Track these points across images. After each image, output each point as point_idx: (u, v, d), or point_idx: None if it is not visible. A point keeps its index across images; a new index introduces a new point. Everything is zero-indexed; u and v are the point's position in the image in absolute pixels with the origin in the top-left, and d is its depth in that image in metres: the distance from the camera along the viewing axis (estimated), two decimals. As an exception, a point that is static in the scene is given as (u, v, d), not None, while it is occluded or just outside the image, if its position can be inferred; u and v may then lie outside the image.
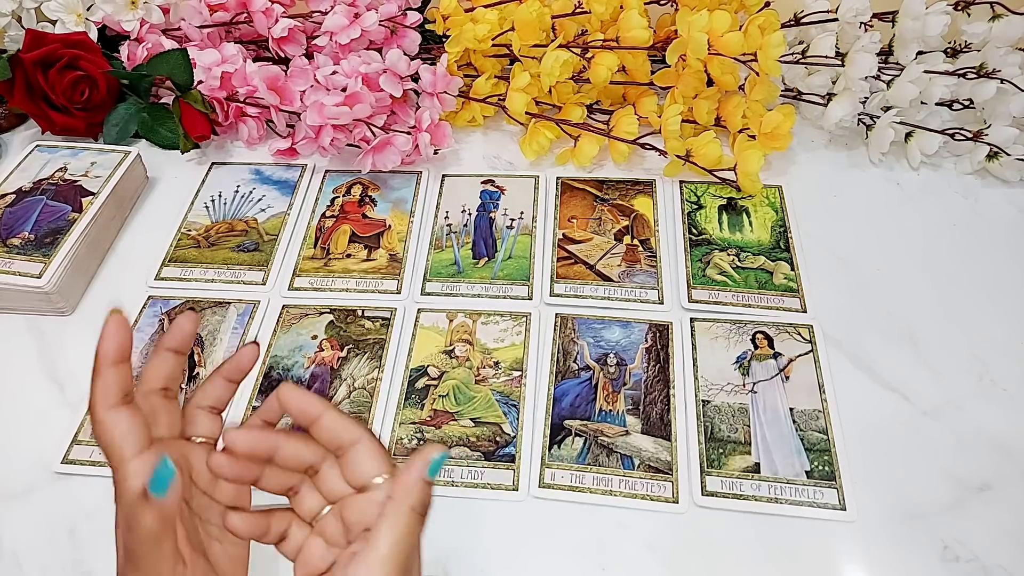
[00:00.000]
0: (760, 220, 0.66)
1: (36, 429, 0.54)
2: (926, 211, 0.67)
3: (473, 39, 0.70)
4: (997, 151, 0.67)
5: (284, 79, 0.71)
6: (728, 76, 0.67)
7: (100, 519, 0.50)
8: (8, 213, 0.64)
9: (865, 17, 0.67)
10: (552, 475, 0.50)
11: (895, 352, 0.56)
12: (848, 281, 0.61)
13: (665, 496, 0.49)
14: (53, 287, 0.59)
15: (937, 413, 0.53)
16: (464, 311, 0.60)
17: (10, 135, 0.78)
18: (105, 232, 0.67)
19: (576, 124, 0.71)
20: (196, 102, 0.72)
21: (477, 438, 0.53)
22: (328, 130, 0.68)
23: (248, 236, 0.67)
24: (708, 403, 0.54)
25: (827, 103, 0.70)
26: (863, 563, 0.46)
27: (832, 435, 0.51)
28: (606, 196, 0.69)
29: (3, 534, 0.49)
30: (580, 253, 0.64)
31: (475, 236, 0.66)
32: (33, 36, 0.71)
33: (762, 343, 0.57)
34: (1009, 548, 0.46)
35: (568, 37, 0.70)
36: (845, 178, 0.70)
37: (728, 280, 0.61)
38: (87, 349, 0.58)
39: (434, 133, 0.69)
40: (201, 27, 0.77)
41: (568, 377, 0.56)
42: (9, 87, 0.71)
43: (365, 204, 0.70)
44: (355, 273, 0.64)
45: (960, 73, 0.68)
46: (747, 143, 0.67)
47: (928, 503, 0.48)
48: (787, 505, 0.48)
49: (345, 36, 0.71)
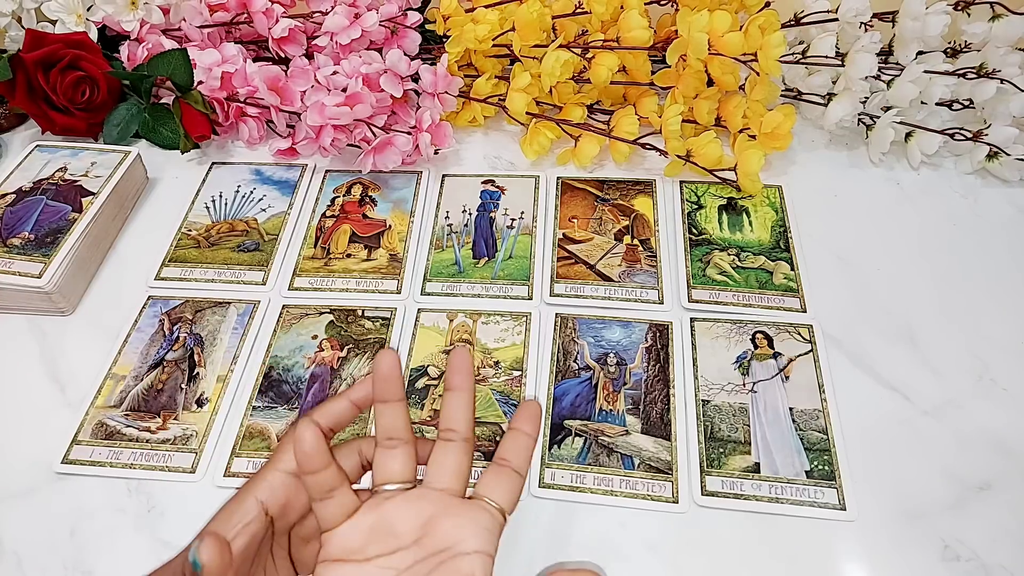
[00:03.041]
0: (760, 220, 0.66)
1: (36, 429, 0.54)
2: (926, 211, 0.67)
3: (474, 39, 0.70)
4: (997, 151, 0.67)
5: (284, 79, 0.71)
6: (728, 76, 0.67)
7: (100, 519, 0.50)
8: (8, 213, 0.64)
9: (865, 17, 0.67)
10: (552, 475, 0.50)
11: (895, 352, 0.56)
12: (848, 281, 0.61)
13: (665, 496, 0.49)
14: (53, 287, 0.59)
15: (937, 413, 0.53)
16: (464, 311, 0.60)
17: (10, 135, 0.78)
18: (105, 232, 0.67)
19: (576, 124, 0.71)
20: (196, 102, 0.72)
21: (477, 438, 0.53)
22: (328, 130, 0.68)
23: (248, 236, 0.67)
24: (708, 403, 0.54)
25: (827, 103, 0.70)
26: (863, 563, 0.46)
27: (832, 435, 0.51)
28: (606, 196, 0.69)
29: (3, 534, 0.49)
30: (580, 253, 0.64)
31: (475, 236, 0.66)
32: (33, 36, 0.72)
33: (762, 343, 0.57)
34: (1009, 547, 0.46)
35: (568, 37, 0.71)
36: (845, 178, 0.70)
37: (728, 280, 0.61)
38: (87, 349, 0.59)
39: (435, 133, 0.70)
40: (201, 27, 0.77)
41: (568, 377, 0.56)
42: (10, 87, 0.71)
43: (365, 204, 0.70)
44: (355, 273, 0.64)
45: (960, 73, 0.68)
46: (747, 143, 0.67)
47: (928, 503, 0.48)
48: (787, 505, 0.48)
49: (345, 36, 0.71)
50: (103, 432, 0.54)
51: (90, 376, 0.57)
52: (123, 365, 0.58)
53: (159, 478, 0.52)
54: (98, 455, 0.53)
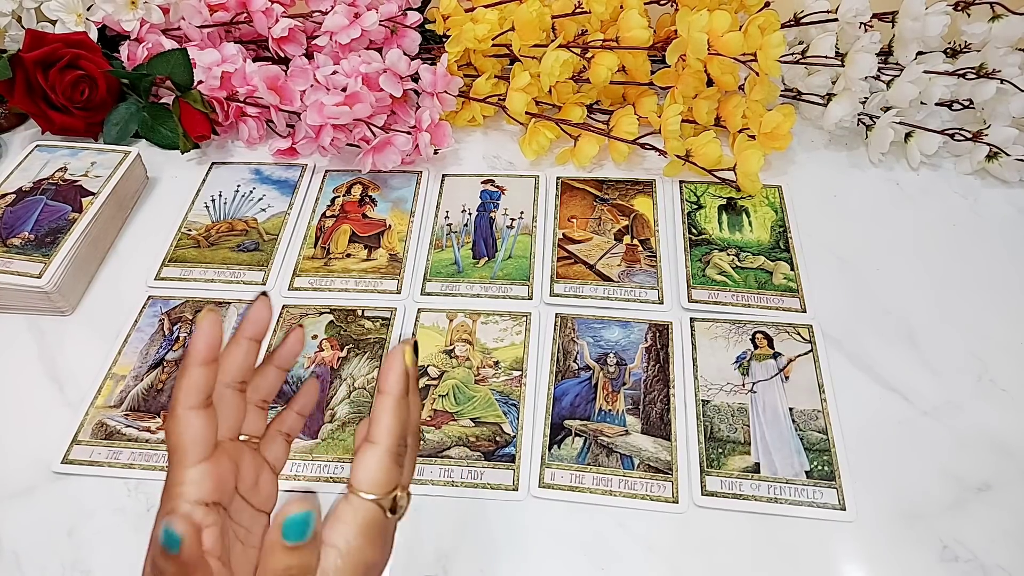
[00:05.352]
0: (760, 220, 0.66)
1: (36, 429, 0.54)
2: (926, 211, 0.67)
3: (473, 39, 0.70)
4: (997, 151, 0.67)
5: (284, 79, 0.71)
6: (728, 76, 0.67)
7: (99, 519, 0.50)
8: (8, 213, 0.64)
9: (865, 17, 0.67)
10: (552, 475, 0.51)
11: (895, 352, 0.56)
12: (848, 281, 0.61)
13: (665, 496, 0.49)
14: (53, 287, 0.59)
15: (937, 413, 0.53)
16: (464, 311, 0.60)
17: (10, 135, 0.78)
18: (105, 232, 0.67)
19: (576, 124, 0.71)
20: (196, 102, 0.72)
21: (477, 438, 0.53)
22: (328, 130, 0.68)
23: (248, 236, 0.67)
24: (708, 403, 0.54)
25: (827, 103, 0.70)
26: (862, 563, 0.46)
27: (832, 435, 0.51)
28: (606, 196, 0.69)
29: (3, 533, 0.49)
30: (580, 253, 0.64)
31: (475, 236, 0.66)
32: (33, 36, 0.71)
33: (762, 343, 0.57)
34: (1008, 548, 0.46)
35: (568, 37, 0.70)
36: (845, 178, 0.70)
37: (728, 280, 0.61)
38: (87, 349, 0.59)
39: (434, 133, 0.70)
40: (201, 27, 0.77)
41: (568, 377, 0.56)
42: (9, 87, 0.71)
43: (365, 204, 0.70)
44: (355, 273, 0.64)
45: (960, 73, 0.68)
46: (747, 143, 0.67)
47: (927, 503, 0.48)
48: (787, 505, 0.48)
49: (345, 36, 0.71)
50: (103, 432, 0.54)
51: (90, 376, 0.57)
52: (123, 365, 0.58)
53: (159, 478, 0.51)
54: (98, 455, 0.53)
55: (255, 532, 0.37)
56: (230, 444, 0.36)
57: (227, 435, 0.35)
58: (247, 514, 0.36)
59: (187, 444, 0.32)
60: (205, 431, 0.32)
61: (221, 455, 0.33)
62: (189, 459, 0.32)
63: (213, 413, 0.33)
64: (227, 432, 0.35)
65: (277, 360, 0.38)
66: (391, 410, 0.31)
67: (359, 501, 0.30)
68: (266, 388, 0.38)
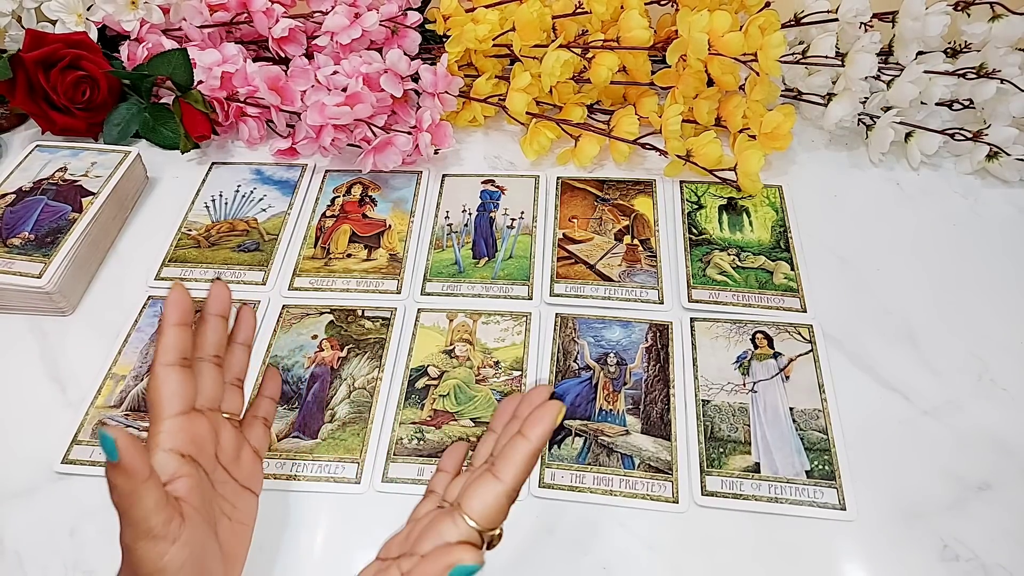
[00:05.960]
0: (760, 220, 0.66)
1: (37, 429, 0.54)
2: (926, 211, 0.67)
3: (474, 39, 0.70)
4: (997, 151, 0.67)
5: (285, 79, 0.71)
6: (728, 76, 0.67)
7: (101, 519, 0.50)
8: (8, 213, 0.64)
9: (865, 17, 0.67)
10: (552, 475, 0.51)
11: (895, 352, 0.56)
12: (848, 281, 0.61)
13: (665, 496, 0.49)
14: (53, 287, 0.59)
15: (937, 413, 0.53)
16: (464, 311, 0.60)
17: (10, 135, 0.78)
18: (105, 232, 0.67)
19: (577, 124, 0.71)
20: (196, 102, 0.72)
21: (477, 438, 0.53)
22: (329, 130, 0.68)
23: (248, 236, 0.67)
24: (708, 403, 0.54)
25: (827, 103, 0.70)
26: (863, 562, 0.46)
27: (832, 435, 0.51)
28: (606, 196, 0.69)
29: (4, 534, 0.49)
30: (580, 253, 0.64)
31: (475, 236, 0.66)
32: (33, 36, 0.72)
33: (762, 343, 0.57)
34: (1009, 547, 0.46)
35: (569, 37, 0.71)
36: (845, 178, 0.70)
37: (728, 280, 0.61)
38: (88, 349, 0.59)
39: (435, 133, 0.70)
40: (201, 27, 0.77)
41: (568, 377, 0.56)
42: (10, 87, 0.71)
43: (365, 204, 0.70)
44: (355, 273, 0.64)
45: (960, 73, 0.68)
46: (747, 143, 0.67)
47: (928, 502, 0.48)
48: (787, 505, 0.48)
49: (346, 36, 0.71)
50: (103, 432, 0.54)
51: (90, 376, 0.57)
52: (123, 365, 0.58)
53: (159, 478, 0.52)
54: (98, 455, 0.52)
55: (240, 508, 0.40)
56: (211, 413, 0.38)
57: (207, 404, 0.38)
58: (230, 487, 0.39)
59: (164, 398, 0.35)
60: (181, 386, 0.35)
61: (199, 416, 0.36)
62: (166, 411, 0.35)
63: (191, 374, 0.36)
64: (207, 401, 0.38)
65: (239, 338, 0.43)
66: (527, 458, 0.32)
67: (465, 526, 0.31)
68: (237, 366, 0.43)
